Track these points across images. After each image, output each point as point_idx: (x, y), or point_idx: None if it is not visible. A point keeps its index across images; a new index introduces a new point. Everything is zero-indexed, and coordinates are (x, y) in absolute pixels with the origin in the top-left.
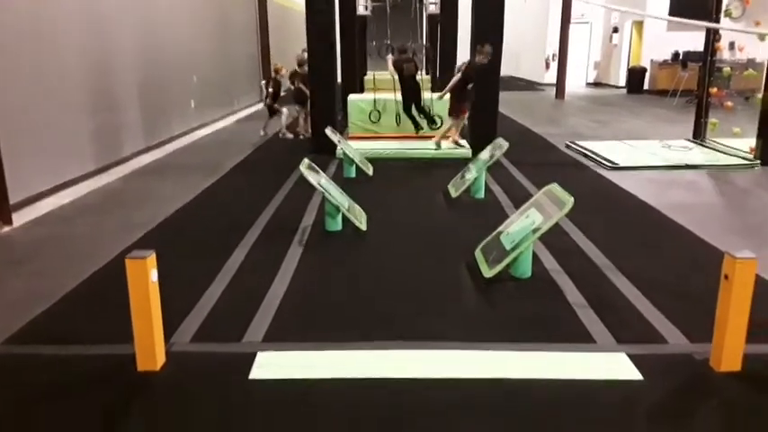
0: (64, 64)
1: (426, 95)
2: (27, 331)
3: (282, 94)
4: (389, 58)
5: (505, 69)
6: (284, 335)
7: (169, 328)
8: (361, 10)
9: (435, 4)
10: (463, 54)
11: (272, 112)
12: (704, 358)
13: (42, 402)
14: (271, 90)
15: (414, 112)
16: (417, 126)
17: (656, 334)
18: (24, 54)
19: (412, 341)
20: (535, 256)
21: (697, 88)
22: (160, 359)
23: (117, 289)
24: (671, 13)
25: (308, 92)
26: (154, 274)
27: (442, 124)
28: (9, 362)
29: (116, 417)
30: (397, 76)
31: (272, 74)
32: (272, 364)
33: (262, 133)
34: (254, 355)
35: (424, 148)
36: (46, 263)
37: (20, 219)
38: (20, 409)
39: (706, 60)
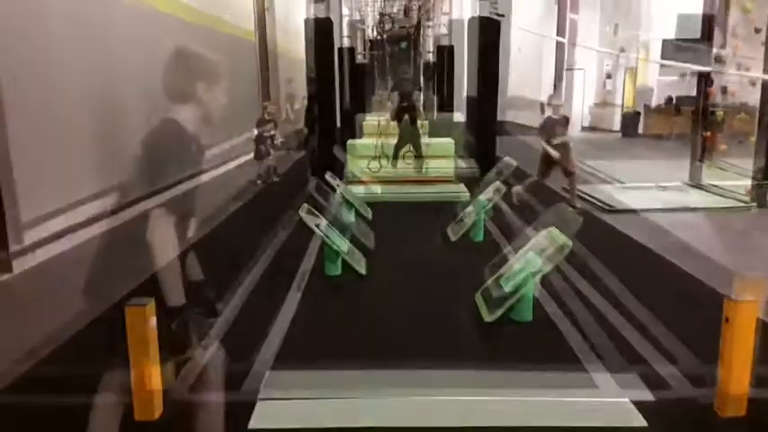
0: (69, 115)
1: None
2: (23, 381)
3: (273, 133)
4: (390, 105)
5: (501, 115)
6: (283, 383)
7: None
8: (359, 58)
9: (431, 52)
10: (460, 99)
11: (260, 156)
12: (709, 403)
13: None
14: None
15: (400, 154)
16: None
17: (660, 379)
18: (28, 107)
19: (413, 389)
20: (535, 300)
21: (691, 132)
22: (158, 408)
23: (114, 337)
24: (663, 59)
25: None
26: (153, 322)
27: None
28: (3, 412)
29: None
30: (394, 123)
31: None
32: (271, 414)
33: (259, 182)
34: (253, 404)
35: (421, 191)
36: (44, 310)
37: (20, 266)
38: None
39: (699, 105)
